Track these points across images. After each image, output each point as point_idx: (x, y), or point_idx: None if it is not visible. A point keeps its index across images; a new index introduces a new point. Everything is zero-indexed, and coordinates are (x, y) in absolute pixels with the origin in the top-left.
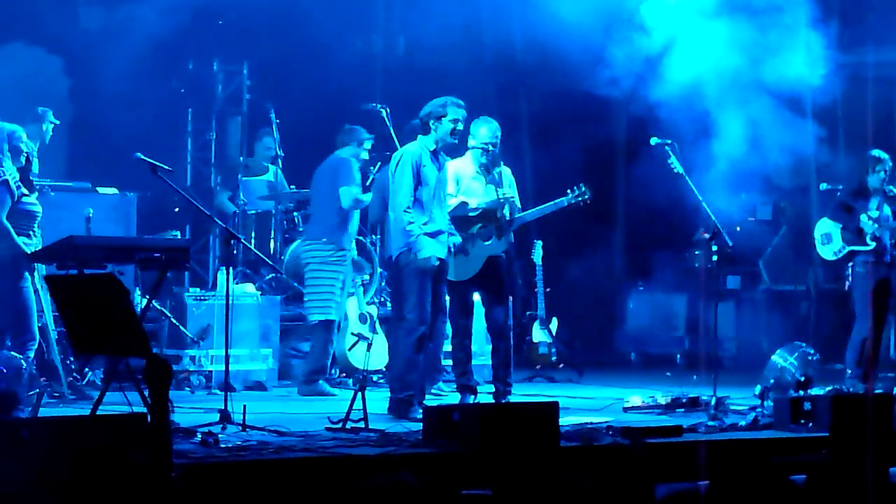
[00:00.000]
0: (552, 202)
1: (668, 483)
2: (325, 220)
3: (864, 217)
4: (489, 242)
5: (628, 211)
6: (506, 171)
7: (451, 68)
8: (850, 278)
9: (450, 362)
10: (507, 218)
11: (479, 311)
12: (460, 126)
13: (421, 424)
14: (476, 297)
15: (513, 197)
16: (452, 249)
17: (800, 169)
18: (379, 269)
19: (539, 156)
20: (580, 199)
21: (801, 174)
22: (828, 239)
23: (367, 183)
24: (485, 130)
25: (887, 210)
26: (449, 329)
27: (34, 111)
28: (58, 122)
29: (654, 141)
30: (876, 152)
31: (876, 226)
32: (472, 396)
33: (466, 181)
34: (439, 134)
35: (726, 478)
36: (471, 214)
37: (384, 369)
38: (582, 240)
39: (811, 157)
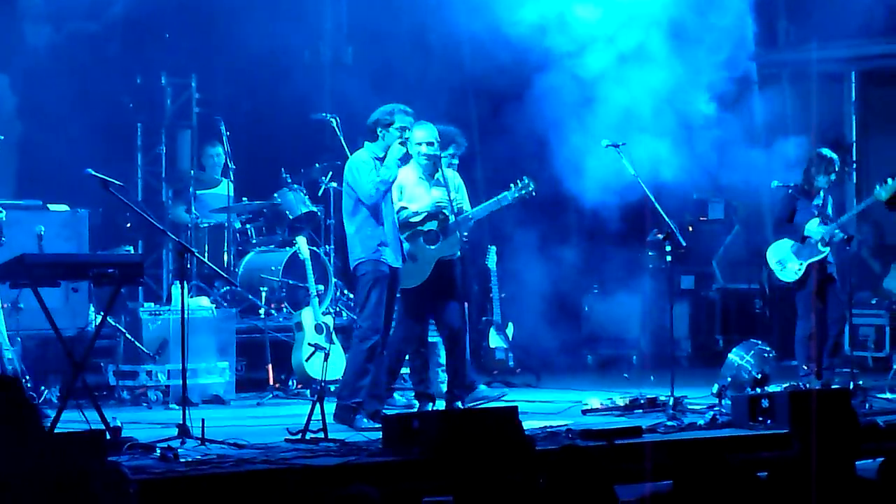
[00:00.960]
0: (495, 198)
1: (629, 484)
2: None
3: (811, 225)
4: (435, 246)
5: (580, 212)
6: (451, 174)
7: (399, 74)
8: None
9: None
10: (450, 219)
11: None
12: (407, 133)
13: (381, 433)
14: None
15: (456, 200)
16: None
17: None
18: (333, 280)
19: (490, 157)
20: (524, 192)
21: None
22: (782, 265)
23: (319, 193)
24: (421, 133)
25: (830, 203)
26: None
27: None
28: (2, 138)
29: (604, 143)
30: (825, 152)
31: (825, 229)
32: (431, 404)
33: (410, 188)
34: (387, 141)
35: (690, 477)
36: (412, 220)
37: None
38: (536, 243)
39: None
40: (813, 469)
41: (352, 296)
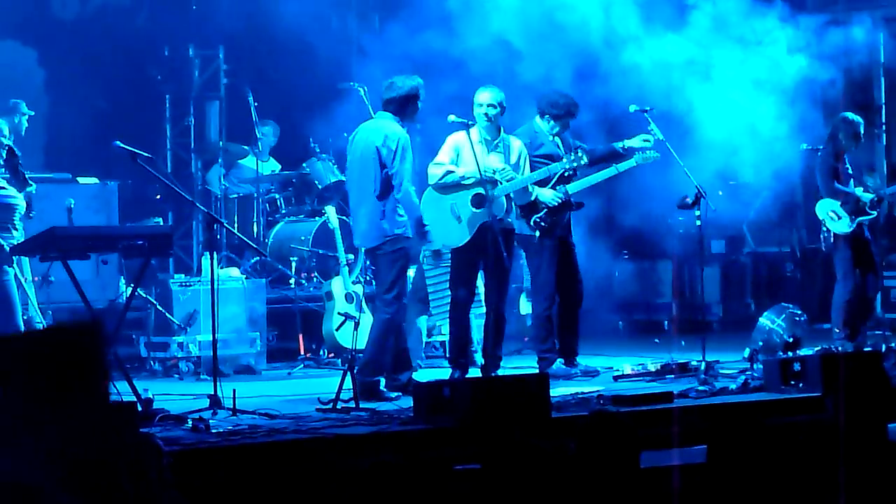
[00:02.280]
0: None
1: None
2: None
3: (859, 191)
4: (481, 210)
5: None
6: (512, 141)
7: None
8: (829, 241)
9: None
10: (499, 185)
11: None
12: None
13: (412, 401)
14: None
15: (504, 169)
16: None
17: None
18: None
19: None
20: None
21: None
22: (836, 216)
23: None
24: (485, 95)
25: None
26: None
27: (5, 104)
28: (32, 113)
29: (632, 108)
30: (850, 116)
31: (872, 196)
32: (459, 372)
33: (466, 151)
34: (412, 115)
35: (726, 441)
36: (462, 181)
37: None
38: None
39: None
40: (842, 432)
41: None
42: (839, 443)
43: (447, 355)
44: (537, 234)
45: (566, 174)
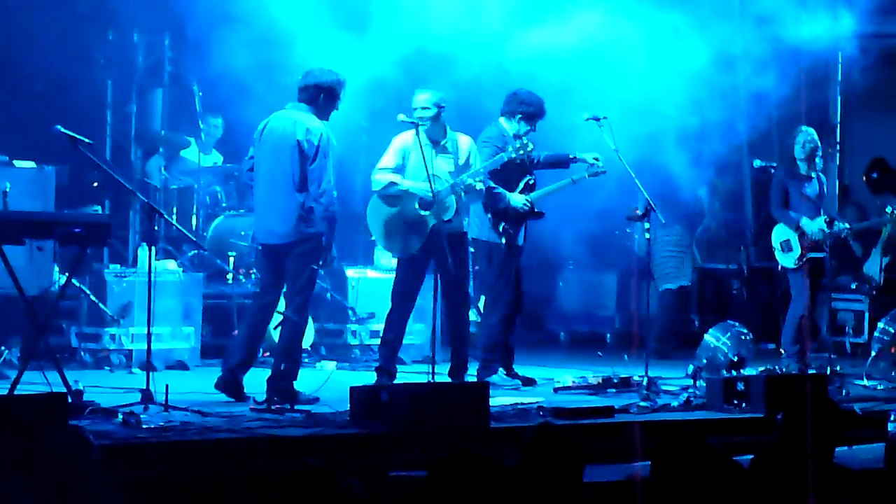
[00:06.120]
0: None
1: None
2: None
3: (805, 220)
4: (427, 213)
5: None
6: (460, 138)
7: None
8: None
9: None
10: (445, 185)
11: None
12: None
13: (349, 405)
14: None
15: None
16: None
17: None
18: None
19: None
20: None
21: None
22: (787, 247)
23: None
24: (421, 97)
25: (815, 187)
26: None
27: None
28: None
29: (585, 116)
30: (805, 131)
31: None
32: (385, 379)
33: (413, 155)
34: (328, 109)
35: (669, 459)
36: (401, 189)
37: (310, 348)
38: None
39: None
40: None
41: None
42: (785, 465)
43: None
44: (503, 240)
45: (528, 181)
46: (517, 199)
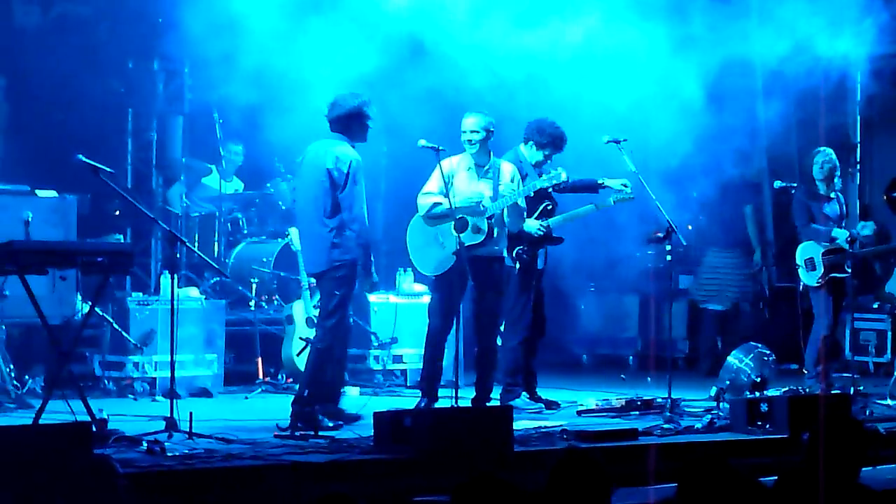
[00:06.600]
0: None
1: (626, 487)
2: None
3: (836, 231)
4: (464, 234)
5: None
6: (503, 165)
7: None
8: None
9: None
10: (487, 210)
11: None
12: (372, 125)
13: (372, 430)
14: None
15: (501, 193)
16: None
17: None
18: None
19: None
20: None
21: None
22: (811, 265)
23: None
24: (470, 121)
25: (835, 207)
26: None
27: None
28: None
29: (605, 138)
30: (825, 152)
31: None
32: (426, 401)
33: (459, 178)
34: (361, 133)
35: (694, 481)
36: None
37: None
38: None
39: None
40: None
41: None
42: (811, 486)
43: (408, 384)
44: (517, 265)
45: (547, 206)
46: (531, 224)
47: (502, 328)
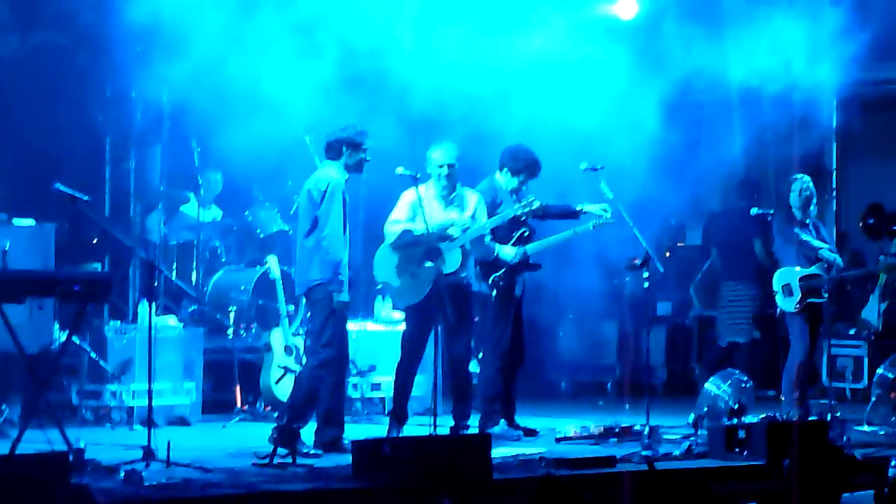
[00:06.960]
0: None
1: None
2: None
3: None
4: (433, 264)
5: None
6: (468, 194)
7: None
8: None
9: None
10: (455, 238)
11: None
12: (369, 157)
13: (350, 458)
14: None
15: (465, 221)
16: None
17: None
18: (304, 300)
19: None
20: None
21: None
22: (788, 291)
23: (291, 212)
24: (439, 154)
25: (812, 234)
26: None
27: None
28: None
29: (582, 166)
30: (800, 176)
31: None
32: (396, 424)
33: (431, 206)
34: (352, 161)
35: None
36: (419, 239)
37: None
38: None
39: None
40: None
41: None
42: None
43: (385, 412)
44: (494, 292)
45: (524, 233)
46: (507, 251)
47: (480, 355)
